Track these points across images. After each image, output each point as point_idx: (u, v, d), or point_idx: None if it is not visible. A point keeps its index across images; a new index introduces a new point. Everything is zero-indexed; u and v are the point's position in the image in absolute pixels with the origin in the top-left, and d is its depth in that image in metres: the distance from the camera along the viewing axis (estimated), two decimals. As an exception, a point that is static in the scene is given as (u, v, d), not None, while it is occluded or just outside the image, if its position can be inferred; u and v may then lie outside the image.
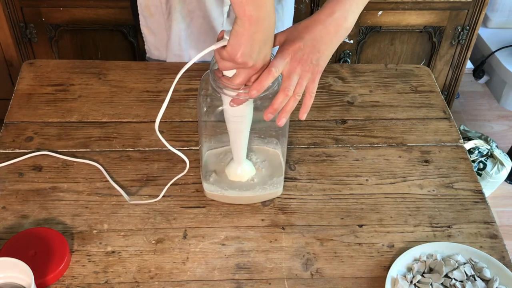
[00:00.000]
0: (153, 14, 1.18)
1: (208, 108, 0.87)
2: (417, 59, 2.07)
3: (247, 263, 0.89)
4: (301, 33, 0.82)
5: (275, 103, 0.81)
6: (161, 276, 0.86)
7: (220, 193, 0.96)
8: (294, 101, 0.82)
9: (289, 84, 0.80)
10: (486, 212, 0.98)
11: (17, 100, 1.13)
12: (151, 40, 1.24)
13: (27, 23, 1.83)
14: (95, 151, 1.04)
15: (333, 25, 0.82)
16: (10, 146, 1.04)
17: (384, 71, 1.26)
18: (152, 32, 1.23)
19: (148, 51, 1.28)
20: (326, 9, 0.83)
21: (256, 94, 0.80)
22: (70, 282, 0.85)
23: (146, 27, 1.22)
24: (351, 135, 1.11)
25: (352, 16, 0.84)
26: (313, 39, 0.81)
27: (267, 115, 0.81)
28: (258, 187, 0.96)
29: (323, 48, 0.82)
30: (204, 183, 0.96)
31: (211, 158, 0.98)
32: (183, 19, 1.16)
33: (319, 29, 0.82)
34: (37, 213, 0.94)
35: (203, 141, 0.95)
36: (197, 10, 1.15)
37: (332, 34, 0.83)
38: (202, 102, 0.87)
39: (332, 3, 0.83)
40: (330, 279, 0.87)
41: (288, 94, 0.80)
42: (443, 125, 1.14)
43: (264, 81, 0.79)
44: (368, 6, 2.10)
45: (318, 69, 0.83)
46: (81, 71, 1.19)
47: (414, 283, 0.86)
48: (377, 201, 0.99)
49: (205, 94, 0.86)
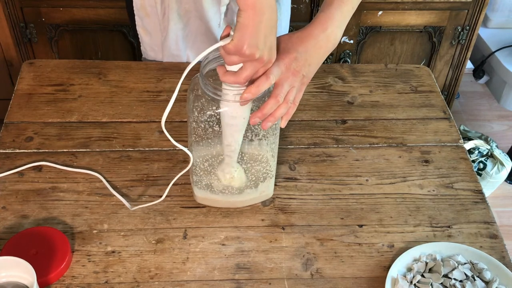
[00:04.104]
0: (149, 14, 1.18)
1: (198, 113, 0.87)
2: (417, 59, 2.07)
3: (247, 263, 0.89)
4: (295, 45, 0.86)
5: (264, 108, 0.82)
6: (161, 276, 0.86)
7: (210, 198, 0.95)
8: (285, 107, 0.84)
9: (280, 91, 0.83)
10: (486, 212, 0.98)
11: (17, 100, 1.13)
12: (146, 40, 1.24)
13: (27, 23, 1.83)
14: (95, 151, 1.04)
15: (324, 41, 0.87)
16: (10, 146, 1.04)
17: (384, 71, 1.26)
18: (148, 33, 1.22)
19: (144, 52, 1.28)
20: (319, 24, 0.87)
21: (251, 98, 0.81)
22: (70, 282, 0.85)
23: (142, 27, 1.22)
24: (351, 135, 1.11)
25: (341, 32, 0.89)
26: (306, 52, 0.86)
27: (254, 119, 0.83)
28: (249, 190, 0.94)
29: (314, 61, 0.87)
30: (194, 187, 0.95)
31: (200, 164, 0.95)
32: (180, 19, 1.16)
33: (312, 44, 0.86)
34: (37, 213, 0.94)
35: (193, 146, 0.93)
36: (194, 10, 1.15)
37: (322, 49, 0.88)
38: (193, 107, 0.86)
39: (324, 19, 0.87)
40: (330, 279, 0.88)
41: (279, 100, 0.83)
42: (443, 125, 1.14)
43: (261, 86, 0.80)
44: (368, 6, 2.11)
45: (306, 80, 0.88)
46: (81, 71, 1.19)
47: (414, 283, 0.86)
48: (377, 201, 0.99)
49: (195, 99, 0.85)
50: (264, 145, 0.93)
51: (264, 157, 0.93)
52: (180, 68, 1.21)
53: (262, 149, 0.93)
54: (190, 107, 0.87)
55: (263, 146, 0.93)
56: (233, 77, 0.80)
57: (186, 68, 0.79)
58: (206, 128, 0.88)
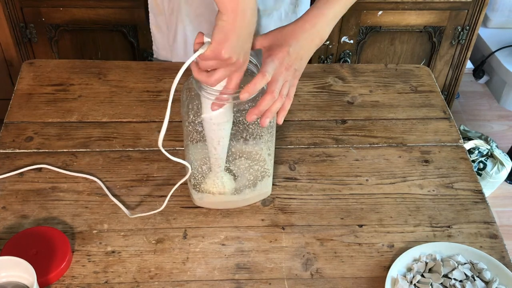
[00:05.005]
0: (162, 12, 1.19)
1: (194, 115, 0.86)
2: (417, 59, 2.07)
3: (247, 263, 0.89)
4: (288, 39, 0.86)
5: (261, 104, 0.82)
6: (161, 276, 0.86)
7: (208, 199, 0.94)
8: (280, 102, 0.85)
9: (275, 86, 0.83)
10: (486, 212, 0.98)
11: (17, 100, 1.13)
12: (159, 38, 1.25)
13: (27, 23, 1.83)
14: (95, 151, 1.04)
15: (314, 35, 0.88)
16: (10, 146, 1.04)
17: (384, 71, 1.26)
18: (160, 31, 1.23)
19: (155, 52, 1.28)
20: (310, 18, 0.88)
21: (248, 97, 0.81)
22: (70, 282, 0.85)
23: (156, 25, 1.23)
24: (351, 135, 1.11)
25: (329, 30, 0.89)
26: (298, 46, 0.86)
27: (251, 116, 0.83)
28: (247, 189, 0.94)
29: (305, 55, 0.88)
30: (192, 190, 0.95)
31: (198, 167, 0.95)
32: (190, 22, 1.17)
33: (304, 38, 0.87)
34: (37, 213, 0.94)
35: (189, 148, 0.92)
36: (206, 14, 1.15)
37: (313, 44, 0.88)
38: (188, 109, 0.86)
39: (315, 15, 0.88)
40: (330, 279, 0.88)
41: (274, 96, 0.83)
42: (443, 125, 1.14)
43: (257, 84, 0.80)
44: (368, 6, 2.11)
45: (298, 74, 0.88)
46: (81, 71, 1.19)
47: (414, 283, 0.86)
48: (377, 201, 0.99)
49: (189, 102, 0.85)
50: (260, 144, 0.93)
51: (261, 156, 0.93)
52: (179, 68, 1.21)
53: (259, 148, 0.93)
54: (185, 110, 0.86)
55: (259, 145, 0.93)
56: (205, 77, 0.79)
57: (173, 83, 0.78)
58: (201, 131, 0.88)
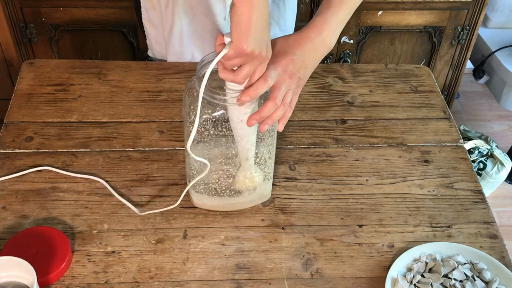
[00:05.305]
0: (155, 6, 1.19)
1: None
2: (417, 59, 2.07)
3: (247, 263, 0.89)
4: (292, 48, 0.86)
5: (263, 111, 0.82)
6: (161, 276, 0.86)
7: (207, 201, 0.94)
8: (282, 110, 0.84)
9: (278, 93, 0.83)
10: (486, 212, 0.98)
11: (17, 100, 1.13)
12: (152, 33, 1.24)
13: (27, 23, 1.83)
14: (95, 151, 1.04)
15: (320, 44, 0.88)
16: (10, 146, 1.04)
17: (384, 71, 1.26)
18: (153, 26, 1.23)
19: (149, 46, 1.27)
20: (315, 27, 0.88)
21: (248, 101, 0.80)
22: (70, 282, 0.85)
23: (148, 20, 1.22)
24: (351, 135, 1.11)
25: (335, 37, 0.89)
26: (303, 55, 0.86)
27: (252, 121, 0.82)
28: (247, 192, 0.94)
29: (310, 64, 0.88)
30: (191, 192, 0.95)
31: (198, 168, 0.94)
32: (186, 15, 1.16)
33: (309, 47, 0.87)
34: (37, 213, 0.94)
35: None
36: (200, 6, 1.15)
37: (318, 52, 0.88)
38: (189, 110, 0.85)
39: (320, 23, 0.88)
40: (330, 279, 0.88)
41: (277, 102, 0.83)
42: (443, 125, 1.14)
43: (259, 89, 0.80)
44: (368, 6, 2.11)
45: (302, 83, 0.88)
46: (81, 71, 1.19)
47: (414, 283, 0.86)
48: (377, 201, 0.99)
49: (191, 102, 0.85)
50: (261, 147, 0.92)
51: (262, 159, 0.93)
52: (179, 68, 1.21)
53: (260, 151, 0.93)
54: (187, 111, 0.86)
55: (260, 148, 0.92)
56: (232, 76, 0.79)
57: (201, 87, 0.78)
58: (203, 131, 0.88)
